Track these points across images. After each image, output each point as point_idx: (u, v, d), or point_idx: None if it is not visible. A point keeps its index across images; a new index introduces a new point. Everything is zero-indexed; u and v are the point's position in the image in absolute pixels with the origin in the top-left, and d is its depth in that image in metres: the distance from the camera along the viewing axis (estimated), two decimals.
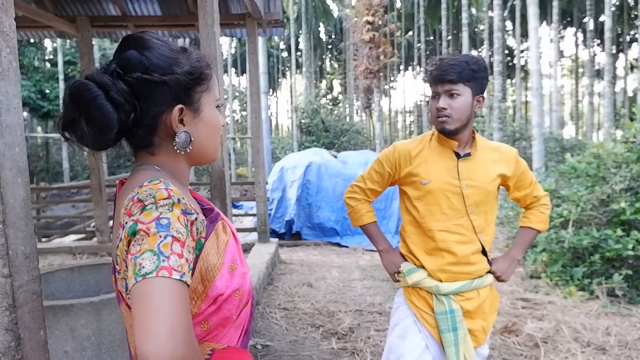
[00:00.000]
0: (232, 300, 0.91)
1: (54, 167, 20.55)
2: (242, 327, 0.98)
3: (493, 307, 1.91)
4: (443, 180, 1.79)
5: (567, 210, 4.85)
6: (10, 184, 1.03)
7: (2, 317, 1.03)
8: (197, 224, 0.83)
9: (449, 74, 1.70)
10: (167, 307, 0.70)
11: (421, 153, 1.85)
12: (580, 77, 33.38)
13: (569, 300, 4.33)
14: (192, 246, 0.80)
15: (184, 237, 0.77)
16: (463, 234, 1.79)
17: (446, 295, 1.78)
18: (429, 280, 1.81)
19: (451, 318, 1.76)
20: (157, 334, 0.68)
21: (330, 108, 19.03)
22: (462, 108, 1.73)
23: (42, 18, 5.40)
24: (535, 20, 8.87)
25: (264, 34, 6.72)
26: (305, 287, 4.95)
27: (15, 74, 1.06)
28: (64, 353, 2.24)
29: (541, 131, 9.16)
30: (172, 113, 0.89)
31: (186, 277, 0.75)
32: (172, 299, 0.71)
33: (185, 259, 0.76)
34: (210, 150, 0.99)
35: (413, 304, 1.85)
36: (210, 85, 0.96)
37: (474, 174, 1.79)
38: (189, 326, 0.72)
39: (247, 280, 0.96)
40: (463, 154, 1.81)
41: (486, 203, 1.81)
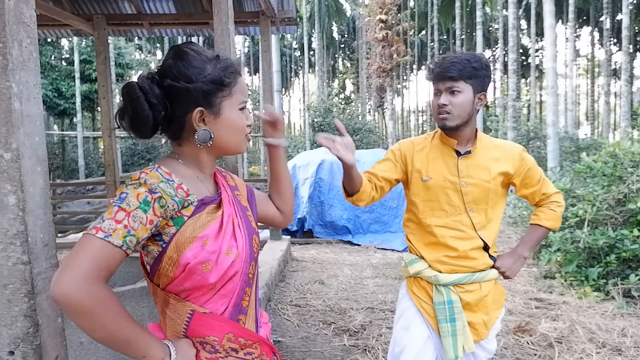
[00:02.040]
0: (199, 270, 1.04)
1: (69, 165, 20.84)
2: (229, 299, 1.10)
3: (497, 302, 1.91)
4: (443, 177, 1.82)
5: (582, 210, 4.78)
6: (30, 173, 1.05)
7: (21, 303, 1.05)
8: (163, 202, 1.00)
9: (450, 71, 1.73)
10: (79, 258, 0.90)
11: (423, 150, 1.89)
12: (596, 76, 32.88)
13: (583, 301, 4.27)
14: (150, 219, 0.98)
15: (130, 208, 0.96)
16: (462, 230, 1.81)
17: (445, 285, 1.81)
18: (429, 270, 1.84)
19: (449, 309, 1.78)
20: (62, 276, 0.88)
21: (342, 107, 18.99)
22: (463, 105, 1.75)
23: (59, 16, 5.48)
24: (551, 18, 8.75)
25: (277, 32, 6.74)
26: (317, 285, 4.96)
27: (35, 64, 1.08)
28: (79, 344, 2.27)
29: (556, 130, 9.05)
30: (193, 114, 1.08)
31: (113, 238, 0.92)
32: (88, 252, 0.91)
33: (124, 226, 0.94)
34: (232, 146, 1.16)
35: (414, 294, 1.89)
36: (233, 90, 1.12)
37: (473, 172, 1.81)
38: (95, 278, 0.90)
39: (222, 257, 1.07)
40: (464, 152, 1.84)
41: (486, 201, 1.82)
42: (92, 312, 0.89)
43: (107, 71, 5.99)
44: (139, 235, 0.97)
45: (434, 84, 1.80)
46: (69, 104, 19.25)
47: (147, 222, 0.98)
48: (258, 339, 1.17)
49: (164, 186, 1.02)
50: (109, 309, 0.91)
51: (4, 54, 0.99)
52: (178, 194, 1.04)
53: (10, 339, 1.05)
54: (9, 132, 1.00)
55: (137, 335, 0.96)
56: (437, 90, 1.79)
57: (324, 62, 29.53)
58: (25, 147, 1.04)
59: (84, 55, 19.13)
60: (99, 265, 0.91)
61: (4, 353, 1.06)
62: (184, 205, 1.06)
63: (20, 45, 1.03)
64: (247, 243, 1.14)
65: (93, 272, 0.90)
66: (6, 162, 1.01)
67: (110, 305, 0.92)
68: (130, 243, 0.95)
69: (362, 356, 3.25)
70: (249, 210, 1.25)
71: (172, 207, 1.03)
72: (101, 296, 0.90)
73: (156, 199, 0.99)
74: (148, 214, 0.98)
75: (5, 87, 0.99)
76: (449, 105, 1.74)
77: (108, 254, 0.92)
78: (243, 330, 1.14)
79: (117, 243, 0.93)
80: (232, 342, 1.13)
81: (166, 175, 1.05)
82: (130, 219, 0.95)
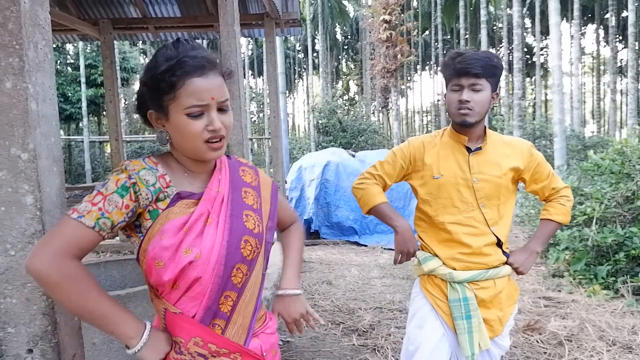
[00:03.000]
0: (154, 267, 1.05)
1: (76, 169, 20.96)
2: (199, 302, 1.07)
3: (511, 298, 1.91)
4: (454, 174, 1.82)
5: (590, 208, 4.76)
6: (46, 173, 1.07)
7: (40, 301, 1.06)
8: (137, 189, 1.03)
9: (474, 68, 1.71)
10: (52, 236, 0.97)
11: (434, 149, 1.88)
12: (601, 74, 32.70)
13: (593, 299, 4.24)
14: (126, 204, 1.02)
15: (108, 192, 1.01)
16: (475, 227, 1.81)
17: (460, 283, 1.80)
18: (443, 268, 1.83)
19: (464, 306, 1.77)
20: (35, 250, 0.95)
21: (347, 108, 19.00)
22: (483, 103, 1.75)
23: (66, 21, 5.53)
24: (556, 16, 8.72)
25: (282, 34, 6.76)
26: (324, 285, 4.96)
27: (50, 65, 1.10)
28: (91, 345, 2.29)
29: (563, 128, 9.00)
30: (148, 114, 1.11)
31: (86, 219, 0.98)
32: (60, 231, 0.97)
33: (99, 208, 0.99)
34: (189, 151, 1.10)
35: (428, 292, 1.87)
36: (178, 93, 1.03)
37: (484, 168, 1.82)
38: (63, 254, 0.95)
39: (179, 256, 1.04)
40: (474, 148, 1.84)
41: (498, 197, 1.83)
42: (59, 286, 0.95)
43: (114, 75, 6.03)
44: (114, 218, 1.01)
45: (454, 78, 1.77)
46: (74, 108, 19.37)
47: (122, 206, 1.02)
48: (238, 349, 1.11)
49: (144, 173, 1.05)
50: (76, 284, 0.96)
51: (21, 55, 1.00)
52: (158, 183, 1.06)
53: (29, 337, 1.07)
54: (26, 133, 1.02)
55: (106, 311, 1.00)
56: (458, 85, 1.77)
57: (327, 64, 29.56)
58: (42, 148, 1.05)
59: (89, 60, 19.25)
60: (69, 243, 0.96)
61: (22, 351, 1.07)
62: (159, 197, 1.06)
63: (36, 47, 1.05)
64: (222, 245, 1.07)
65: (62, 249, 0.95)
66: (23, 162, 1.02)
67: (78, 280, 0.96)
68: (103, 225, 1.00)
69: (372, 356, 3.25)
70: (250, 210, 1.17)
71: (145, 196, 1.04)
72: (68, 272, 0.95)
73: (132, 185, 1.03)
74: (124, 199, 1.02)
75: (22, 89, 1.01)
76: (471, 102, 1.73)
77: (79, 234, 0.98)
78: (215, 337, 1.08)
79: (88, 224, 0.98)
80: (199, 347, 1.08)
81: (151, 164, 1.08)
82: (105, 202, 1.00)
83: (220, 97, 1.07)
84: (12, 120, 1.01)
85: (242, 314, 1.13)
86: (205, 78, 1.04)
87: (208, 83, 1.05)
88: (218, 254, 1.07)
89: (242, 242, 1.11)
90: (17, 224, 1.03)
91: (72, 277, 0.95)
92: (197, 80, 1.03)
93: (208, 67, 1.05)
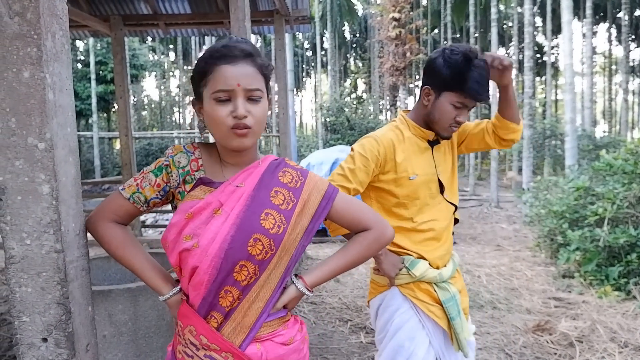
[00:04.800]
0: (166, 249, 1.13)
1: (85, 165, 21.10)
2: (198, 291, 1.08)
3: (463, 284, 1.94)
4: (425, 171, 1.75)
5: (602, 208, 4.71)
6: (62, 162, 1.07)
7: (54, 290, 1.07)
8: (169, 170, 1.16)
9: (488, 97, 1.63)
10: (102, 202, 1.19)
11: (402, 145, 1.74)
12: (613, 74, 32.33)
13: (604, 300, 4.20)
14: (158, 183, 1.16)
15: (147, 171, 1.17)
16: (444, 214, 1.79)
17: (444, 281, 1.76)
18: (432, 270, 1.75)
19: (456, 302, 1.75)
20: (91, 214, 1.19)
21: (355, 106, 18.94)
22: None
23: (77, 17, 5.56)
24: (568, 14, 8.63)
25: (291, 31, 6.75)
26: (332, 282, 4.96)
27: (67, 56, 1.10)
28: (102, 337, 2.30)
29: (574, 128, 8.91)
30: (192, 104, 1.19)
31: (125, 192, 1.16)
32: (107, 200, 1.19)
33: (137, 184, 1.16)
34: (218, 138, 1.13)
35: (419, 300, 1.74)
36: (208, 79, 1.09)
37: (442, 159, 1.81)
38: (103, 217, 1.17)
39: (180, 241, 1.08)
40: (434, 142, 1.79)
41: (452, 176, 1.84)
42: (101, 240, 1.17)
43: (124, 71, 6.06)
44: (146, 194, 1.16)
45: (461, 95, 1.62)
46: (84, 105, 19.50)
47: (154, 184, 1.16)
48: (229, 350, 1.07)
49: (179, 156, 1.16)
50: (111, 241, 1.16)
51: (39, 45, 1.00)
52: (189, 166, 1.15)
53: (44, 326, 1.07)
54: (43, 123, 1.02)
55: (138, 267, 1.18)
56: (462, 104, 1.65)
57: (335, 62, 29.50)
58: (59, 137, 1.05)
59: (99, 57, 19.37)
60: (110, 209, 1.17)
61: (37, 340, 1.08)
62: (185, 180, 1.14)
63: (54, 37, 1.05)
64: (224, 238, 1.05)
65: (104, 213, 1.17)
66: (40, 152, 1.02)
67: (113, 238, 1.16)
68: (137, 199, 1.16)
69: None
70: (274, 210, 1.11)
71: (175, 177, 1.15)
72: (105, 230, 1.16)
73: (165, 166, 1.15)
74: (158, 178, 1.16)
75: (39, 78, 1.01)
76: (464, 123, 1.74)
77: (117, 203, 1.17)
78: (208, 331, 1.07)
79: (125, 195, 1.16)
80: (192, 336, 1.09)
81: (189, 148, 1.18)
82: (142, 180, 1.16)
83: (248, 85, 1.07)
84: (30, 110, 1.01)
85: (245, 314, 1.10)
86: (234, 65, 1.07)
87: (235, 70, 1.07)
88: (218, 247, 1.05)
89: (251, 239, 1.07)
90: (33, 213, 1.03)
91: (107, 235, 1.16)
92: (225, 67, 1.07)
93: (240, 57, 1.08)
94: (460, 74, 1.59)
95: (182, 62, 31.33)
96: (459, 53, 1.61)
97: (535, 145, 12.59)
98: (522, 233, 8.07)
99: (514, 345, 3.36)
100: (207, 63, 1.09)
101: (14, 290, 1.05)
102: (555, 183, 6.41)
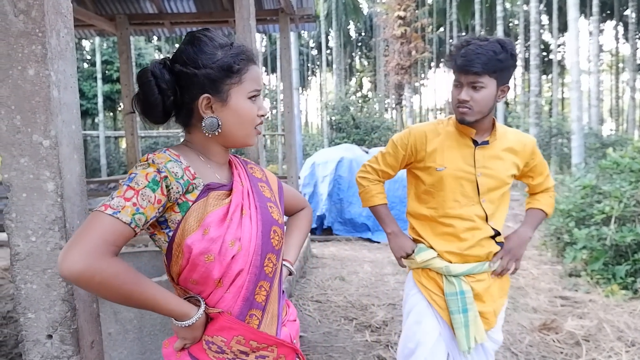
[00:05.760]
0: (202, 262, 1.03)
1: (91, 164, 21.23)
2: (238, 294, 1.07)
3: (503, 290, 1.88)
4: (458, 167, 1.76)
5: (609, 207, 4.68)
6: (67, 160, 1.07)
7: (59, 287, 1.07)
8: (168, 182, 1.01)
9: (474, 65, 1.61)
10: (88, 234, 0.90)
11: (437, 138, 1.81)
12: (620, 72, 32.09)
13: (611, 299, 4.17)
14: (158, 199, 0.99)
15: (139, 187, 0.97)
16: (474, 221, 1.77)
17: (456, 276, 1.76)
18: (439, 261, 1.78)
19: (461, 299, 1.74)
20: (70, 252, 0.88)
21: (360, 105, 18.93)
22: (485, 101, 1.67)
23: (83, 17, 5.59)
24: (575, 11, 8.57)
25: (296, 29, 6.75)
26: (337, 281, 4.95)
27: (71, 54, 1.10)
28: (107, 335, 2.31)
29: (580, 126, 8.85)
30: (199, 100, 1.08)
31: (122, 215, 0.94)
32: (96, 228, 0.91)
33: (133, 203, 0.95)
34: (239, 136, 1.13)
35: (423, 286, 1.82)
36: (243, 77, 1.09)
37: (490, 162, 1.77)
38: (103, 253, 0.90)
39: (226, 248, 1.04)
40: (481, 142, 1.78)
41: (499, 191, 1.79)
42: (104, 285, 0.91)
43: (130, 70, 6.08)
44: (148, 214, 0.98)
45: (455, 74, 1.69)
46: (90, 104, 19.62)
47: (155, 201, 0.99)
48: (275, 342, 1.12)
49: (172, 165, 1.02)
50: (123, 280, 0.92)
51: (43, 43, 1.01)
52: (185, 175, 1.04)
53: (49, 322, 1.07)
54: (47, 120, 1.02)
55: (156, 300, 0.98)
56: (458, 82, 1.69)
57: (341, 61, 29.49)
58: (63, 135, 1.06)
59: (105, 56, 19.47)
60: (107, 241, 0.91)
61: (42, 336, 1.08)
62: (188, 190, 1.05)
63: (58, 35, 1.05)
64: (257, 235, 1.11)
65: (102, 247, 0.90)
66: (45, 149, 1.03)
67: (123, 276, 0.93)
68: (139, 221, 0.96)
69: (385, 352, 3.24)
70: (271, 202, 1.21)
71: (175, 189, 1.02)
72: (112, 270, 0.91)
73: (162, 178, 1.00)
74: (156, 193, 0.99)
75: (44, 76, 1.01)
76: (470, 101, 1.66)
77: (117, 231, 0.93)
78: (255, 333, 1.09)
79: (125, 220, 0.94)
80: (242, 345, 1.09)
81: (174, 156, 1.06)
82: (139, 197, 0.96)
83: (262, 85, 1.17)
84: (35, 107, 1.02)
85: (274, 303, 1.16)
86: (259, 67, 1.15)
87: (260, 71, 1.15)
88: (255, 245, 1.09)
89: (271, 232, 1.14)
90: (38, 210, 1.04)
91: (117, 275, 0.92)
92: (255, 67, 1.13)
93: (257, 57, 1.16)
94: (452, 55, 1.71)
95: None
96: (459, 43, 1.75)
97: (542, 144, 12.52)
98: None
99: (520, 344, 3.35)
100: (243, 61, 1.10)
101: (20, 287, 1.06)
102: (561, 181, 6.37)
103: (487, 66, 1.61)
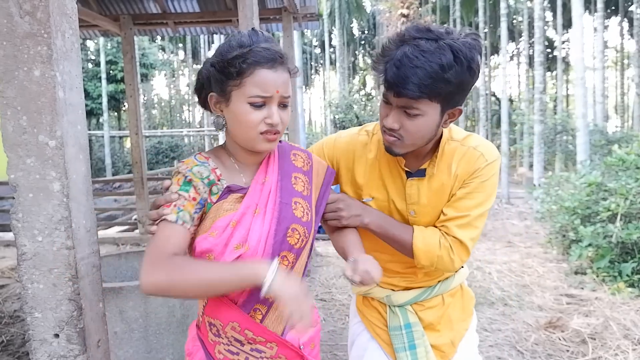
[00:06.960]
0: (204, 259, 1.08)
1: (96, 164, 21.33)
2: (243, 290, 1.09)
3: (466, 311, 1.53)
4: (388, 199, 1.39)
5: (614, 204, 4.65)
6: (73, 160, 1.08)
7: (66, 287, 1.08)
8: (196, 183, 1.08)
9: (407, 86, 1.12)
10: (148, 250, 1.04)
11: (364, 158, 1.41)
12: (625, 68, 31.87)
13: (617, 297, 4.15)
14: (193, 196, 1.07)
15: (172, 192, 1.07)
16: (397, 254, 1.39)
17: (401, 306, 1.45)
18: (379, 290, 1.47)
19: (407, 334, 1.42)
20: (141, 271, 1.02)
21: (364, 103, 18.90)
22: (421, 132, 1.22)
23: (88, 17, 5.61)
24: (579, 7, 8.51)
25: (300, 28, 6.75)
26: (342, 279, 4.96)
27: (77, 54, 1.10)
28: (113, 334, 2.33)
29: (585, 123, 8.80)
30: (208, 97, 1.13)
31: (169, 216, 1.04)
32: (152, 240, 1.04)
33: (174, 205, 1.05)
34: (242, 139, 1.11)
35: (364, 317, 1.53)
36: (244, 81, 1.04)
37: (425, 197, 1.35)
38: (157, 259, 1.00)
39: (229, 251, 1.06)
40: (415, 172, 1.35)
41: (437, 218, 1.37)
42: (171, 286, 1.00)
43: (134, 70, 6.10)
44: (189, 209, 1.06)
45: (384, 89, 1.21)
46: (95, 104, 19.71)
47: (190, 198, 1.07)
48: (274, 339, 1.11)
49: (197, 169, 1.09)
50: (184, 275, 0.99)
51: (49, 44, 1.01)
52: (212, 175, 1.09)
53: (55, 322, 1.08)
54: (53, 120, 1.03)
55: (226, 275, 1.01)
56: (387, 100, 1.22)
57: (344, 59, 29.46)
58: (69, 135, 1.06)
59: (109, 57, 19.55)
60: (162, 245, 1.02)
61: (49, 336, 1.09)
62: (212, 190, 1.09)
63: (64, 36, 1.06)
64: (269, 234, 1.09)
65: (158, 253, 1.01)
66: (51, 150, 1.03)
67: (183, 271, 0.99)
68: (184, 217, 1.05)
69: None
70: (300, 197, 1.16)
71: (202, 189, 1.08)
72: (169, 269, 0.99)
73: (189, 181, 1.07)
74: (190, 192, 1.07)
75: (50, 77, 1.02)
76: (401, 130, 1.21)
77: (166, 232, 1.04)
78: (252, 324, 1.09)
79: (171, 219, 1.04)
80: (236, 332, 1.09)
81: (202, 160, 1.12)
82: (178, 200, 1.06)
83: (285, 93, 1.08)
84: (41, 108, 1.02)
85: None
86: (275, 71, 1.06)
87: (276, 77, 1.06)
88: (265, 244, 1.09)
89: (289, 230, 1.12)
90: (45, 210, 1.04)
91: (174, 273, 0.99)
92: (265, 72, 1.05)
93: (278, 62, 1.06)
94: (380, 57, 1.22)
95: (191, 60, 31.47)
96: None
97: (547, 141, 12.46)
98: (534, 229, 8.00)
99: (525, 342, 3.34)
100: (247, 63, 1.03)
101: (26, 286, 1.07)
102: (566, 179, 6.34)
103: (428, 88, 1.12)
